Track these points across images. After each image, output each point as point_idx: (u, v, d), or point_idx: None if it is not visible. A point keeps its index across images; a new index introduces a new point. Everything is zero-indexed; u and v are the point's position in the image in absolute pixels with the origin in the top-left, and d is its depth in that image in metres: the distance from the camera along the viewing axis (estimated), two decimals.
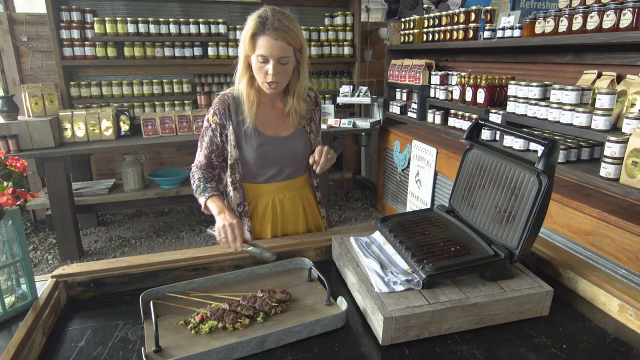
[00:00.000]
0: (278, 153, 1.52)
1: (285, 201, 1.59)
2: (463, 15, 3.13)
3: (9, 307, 1.09)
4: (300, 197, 1.63)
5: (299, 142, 1.54)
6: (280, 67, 1.36)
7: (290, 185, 1.59)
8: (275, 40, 1.31)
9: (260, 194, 1.57)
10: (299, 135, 1.55)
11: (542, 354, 0.98)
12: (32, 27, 3.90)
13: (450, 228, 1.30)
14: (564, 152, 2.25)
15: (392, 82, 4.15)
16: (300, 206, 1.63)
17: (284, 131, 1.53)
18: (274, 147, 1.51)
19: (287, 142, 1.53)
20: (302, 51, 1.41)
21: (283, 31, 1.31)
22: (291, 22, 1.35)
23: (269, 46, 1.32)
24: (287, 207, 1.60)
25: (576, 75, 2.52)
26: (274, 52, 1.32)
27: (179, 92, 4.15)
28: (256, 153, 1.49)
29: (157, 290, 1.17)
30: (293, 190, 1.61)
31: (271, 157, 1.51)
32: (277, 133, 1.52)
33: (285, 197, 1.59)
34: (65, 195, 3.39)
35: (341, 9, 4.51)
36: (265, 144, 1.50)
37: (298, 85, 1.47)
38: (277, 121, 1.53)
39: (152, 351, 0.97)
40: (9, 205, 1.02)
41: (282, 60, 1.35)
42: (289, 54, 1.35)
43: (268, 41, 1.32)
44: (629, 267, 1.80)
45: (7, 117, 3.21)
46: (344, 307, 1.09)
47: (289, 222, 1.62)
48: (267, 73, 1.36)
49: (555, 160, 1.08)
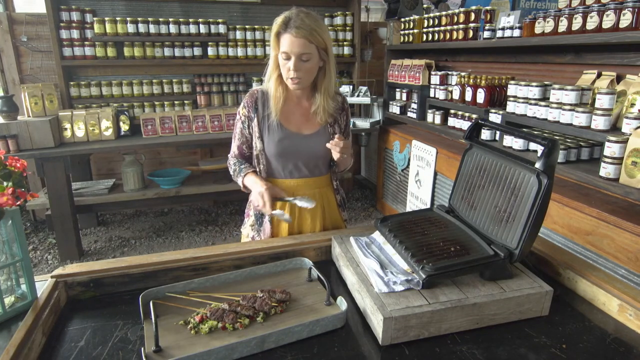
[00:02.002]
0: (298, 149, 1.57)
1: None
2: (463, 15, 3.13)
3: (9, 307, 1.09)
4: (321, 196, 1.66)
5: (320, 142, 1.57)
6: (301, 63, 1.44)
7: (311, 183, 1.63)
8: (296, 37, 1.40)
9: (280, 189, 1.60)
10: (321, 135, 1.59)
11: (542, 353, 0.98)
12: (31, 27, 3.90)
13: (450, 228, 1.30)
14: (563, 152, 2.25)
15: (391, 82, 4.15)
16: (319, 205, 1.65)
17: (307, 129, 1.59)
18: (295, 142, 1.56)
19: (308, 140, 1.58)
20: (328, 51, 1.49)
21: (304, 29, 1.40)
22: (314, 21, 1.44)
23: (290, 43, 1.41)
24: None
25: (576, 75, 2.52)
26: (294, 49, 1.41)
27: (179, 92, 4.15)
28: (277, 146, 1.55)
29: (156, 290, 1.17)
30: (313, 188, 1.64)
31: (291, 152, 1.57)
32: (300, 130, 1.58)
33: (305, 194, 1.60)
34: (65, 195, 3.39)
35: (341, 9, 4.51)
36: (286, 138, 1.56)
37: (325, 84, 1.54)
38: (301, 118, 1.59)
39: (152, 351, 0.97)
40: (9, 205, 1.02)
41: (303, 57, 1.43)
42: (311, 51, 1.43)
43: (289, 39, 1.41)
44: (629, 267, 1.80)
45: (6, 117, 3.21)
46: (344, 307, 1.09)
47: (306, 220, 1.65)
48: (289, 70, 1.44)
49: (555, 160, 1.08)
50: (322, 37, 1.45)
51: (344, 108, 1.67)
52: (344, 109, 1.67)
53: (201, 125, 3.77)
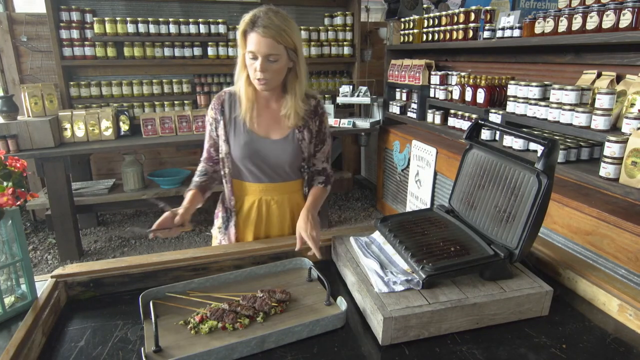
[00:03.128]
0: (264, 154, 1.51)
1: (272, 203, 1.58)
2: (463, 15, 3.14)
3: (9, 307, 1.09)
4: (290, 201, 1.60)
5: (288, 148, 1.52)
6: (268, 64, 1.37)
7: (280, 188, 1.57)
8: (263, 37, 1.33)
9: (247, 192, 1.57)
10: (289, 141, 1.52)
11: (542, 353, 0.98)
12: (31, 27, 3.90)
13: (450, 228, 1.30)
14: (563, 152, 2.26)
15: (391, 82, 4.15)
16: (287, 210, 1.60)
17: (275, 134, 1.52)
18: (261, 147, 1.50)
19: (275, 145, 1.51)
20: (298, 51, 1.42)
21: (272, 29, 1.33)
22: (284, 21, 1.36)
23: (257, 43, 1.34)
24: (274, 210, 1.58)
25: (576, 75, 2.52)
26: (261, 48, 1.35)
27: (179, 92, 4.15)
28: (242, 150, 1.50)
29: (156, 290, 1.17)
30: (282, 193, 1.58)
31: (257, 156, 1.51)
32: (268, 134, 1.52)
33: (273, 199, 1.57)
34: (65, 195, 3.39)
35: (341, 9, 4.51)
36: (252, 142, 1.50)
37: (296, 86, 1.48)
38: (269, 122, 1.53)
39: (152, 351, 0.97)
40: (9, 205, 1.02)
41: (270, 58, 1.37)
42: (279, 52, 1.37)
43: (256, 38, 1.34)
44: (629, 267, 1.80)
45: (6, 117, 3.21)
46: (344, 307, 1.09)
47: (274, 225, 1.60)
48: (256, 70, 1.39)
49: (555, 160, 1.08)
50: (291, 38, 1.38)
51: (318, 112, 1.56)
52: (318, 114, 1.56)
53: (201, 125, 3.77)
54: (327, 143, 1.62)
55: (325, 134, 1.60)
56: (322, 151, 1.62)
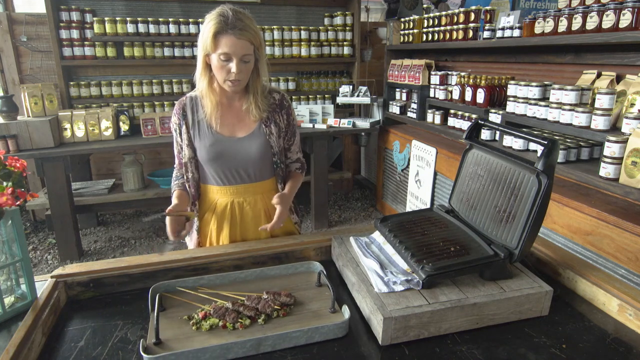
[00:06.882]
0: (232, 153, 1.50)
1: (245, 205, 1.57)
2: (463, 15, 3.14)
3: (9, 307, 1.09)
4: (263, 201, 1.59)
5: (256, 144, 1.51)
6: (242, 65, 1.39)
7: (251, 188, 1.56)
8: (239, 39, 1.34)
9: (219, 196, 1.56)
10: (256, 136, 1.52)
11: (542, 353, 0.98)
12: (31, 27, 3.90)
13: (450, 228, 1.30)
14: (563, 152, 2.26)
15: (391, 82, 4.15)
16: (262, 211, 1.59)
17: (241, 132, 1.51)
18: (228, 146, 1.50)
19: (242, 143, 1.50)
20: (261, 49, 1.44)
21: (246, 30, 1.35)
22: (251, 21, 1.39)
23: (232, 44, 1.34)
24: (247, 211, 1.57)
25: (576, 75, 2.52)
26: (237, 50, 1.35)
27: (179, 92, 4.15)
28: (208, 152, 1.49)
29: (167, 283, 1.19)
30: (255, 194, 1.57)
31: (225, 157, 1.50)
32: (233, 133, 1.51)
33: (245, 200, 1.56)
34: (64, 196, 3.38)
35: (341, 9, 4.51)
36: (218, 142, 1.49)
37: (258, 82, 1.49)
38: (234, 121, 1.52)
39: (152, 343, 0.98)
40: (9, 206, 1.02)
41: (244, 59, 1.38)
42: (251, 52, 1.39)
43: (231, 40, 1.34)
44: (629, 267, 1.80)
45: (6, 117, 3.20)
46: (347, 316, 1.07)
47: (249, 227, 1.58)
48: (230, 71, 1.38)
49: (555, 160, 1.08)
50: (259, 37, 1.40)
51: (284, 106, 1.57)
52: (284, 107, 1.57)
53: None
54: (297, 134, 1.65)
55: (294, 126, 1.63)
56: (295, 142, 1.65)
